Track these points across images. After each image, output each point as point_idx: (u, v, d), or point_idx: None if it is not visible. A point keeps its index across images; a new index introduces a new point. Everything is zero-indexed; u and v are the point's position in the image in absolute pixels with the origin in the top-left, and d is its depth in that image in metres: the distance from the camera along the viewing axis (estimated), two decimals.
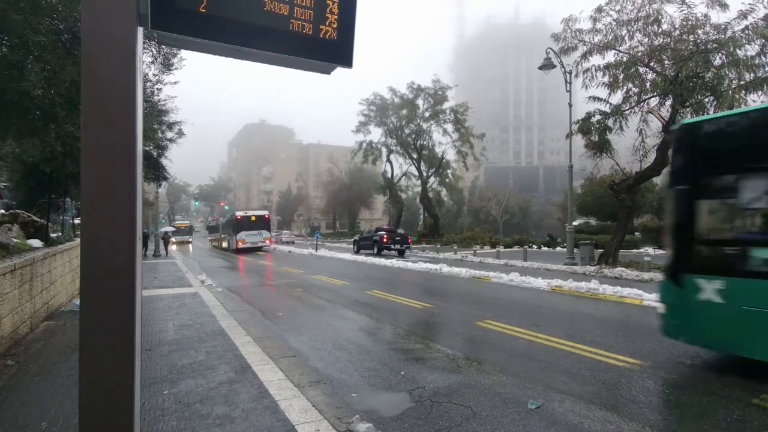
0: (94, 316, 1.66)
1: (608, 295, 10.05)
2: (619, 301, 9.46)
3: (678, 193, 5.31)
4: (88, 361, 1.65)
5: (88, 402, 1.65)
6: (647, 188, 28.55)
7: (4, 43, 6.26)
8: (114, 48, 1.74)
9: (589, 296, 10.15)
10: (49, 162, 8.81)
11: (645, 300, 9.19)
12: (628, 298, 9.59)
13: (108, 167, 1.69)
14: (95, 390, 1.67)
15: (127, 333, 1.68)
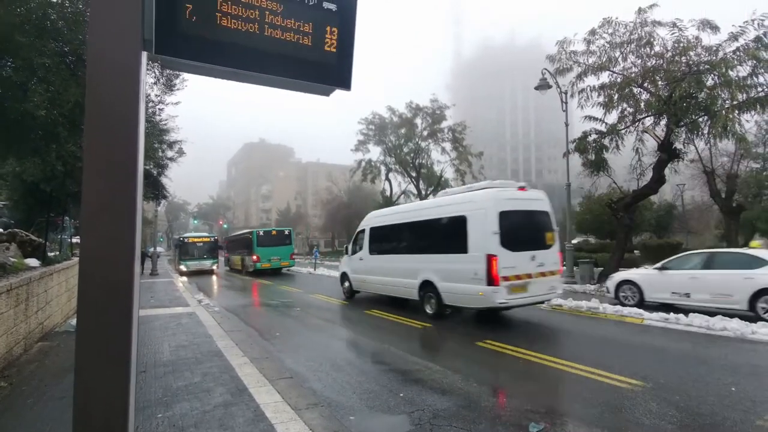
0: (91, 335, 1.65)
1: (609, 314, 9.97)
2: (619, 321, 9.38)
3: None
4: (82, 382, 1.63)
5: (82, 426, 1.62)
6: (645, 206, 28.66)
7: (8, 65, 6.37)
8: (118, 71, 1.78)
9: (589, 315, 10.07)
10: (50, 181, 8.86)
11: (646, 319, 9.11)
12: (629, 317, 9.52)
13: (109, 187, 1.70)
14: (89, 413, 1.64)
15: (123, 354, 1.67)
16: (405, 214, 11.84)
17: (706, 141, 14.74)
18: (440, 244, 9.97)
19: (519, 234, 8.88)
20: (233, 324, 9.41)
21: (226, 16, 2.09)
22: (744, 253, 10.22)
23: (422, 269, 10.23)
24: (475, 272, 8.63)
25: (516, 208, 9.06)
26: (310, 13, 2.34)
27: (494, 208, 8.67)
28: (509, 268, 8.52)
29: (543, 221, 9.60)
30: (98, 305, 1.64)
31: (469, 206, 9.24)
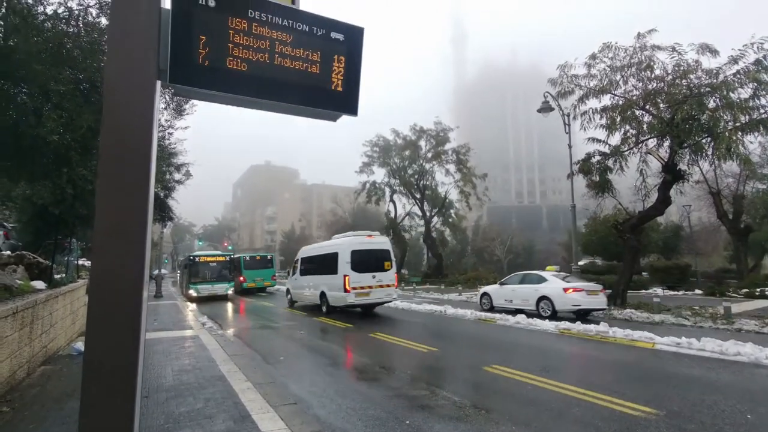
0: (98, 360, 1.64)
1: (618, 338, 9.76)
2: (630, 345, 9.18)
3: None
4: (87, 407, 1.61)
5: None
6: (652, 228, 28.49)
7: (23, 92, 6.57)
8: (134, 100, 1.84)
9: (598, 339, 9.87)
10: (59, 204, 8.97)
11: (657, 344, 8.92)
12: (639, 341, 9.31)
13: (121, 212, 1.73)
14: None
15: (129, 378, 1.66)
16: (314, 249, 18.38)
17: (711, 162, 14.76)
18: (327, 269, 15.78)
19: (364, 263, 14.88)
20: (236, 347, 9.31)
21: (238, 47, 2.16)
22: (538, 274, 15.10)
23: (320, 284, 16.36)
24: (340, 285, 14.69)
25: (363, 248, 15.24)
26: (318, 43, 2.42)
27: (348, 249, 14.96)
28: (356, 282, 14.60)
29: (383, 255, 15.62)
30: (107, 329, 1.65)
31: (338, 247, 15.51)
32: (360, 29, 2.57)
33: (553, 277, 14.48)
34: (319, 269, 16.60)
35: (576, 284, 13.62)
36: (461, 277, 35.15)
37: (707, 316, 12.65)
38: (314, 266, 17.24)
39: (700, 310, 13.62)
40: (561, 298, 13.30)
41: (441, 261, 39.45)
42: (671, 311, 13.61)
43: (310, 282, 17.33)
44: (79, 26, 6.87)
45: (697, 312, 13.36)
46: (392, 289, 15.48)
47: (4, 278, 6.85)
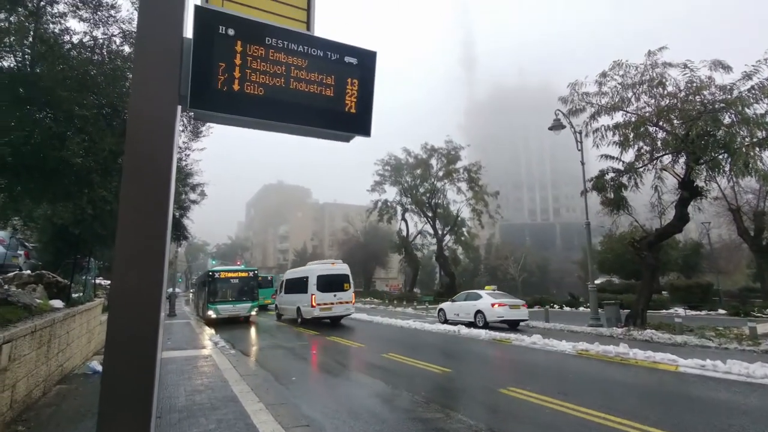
0: (115, 377, 1.66)
1: (639, 360, 9.45)
2: (652, 368, 8.87)
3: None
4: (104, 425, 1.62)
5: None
6: (670, 245, 27.87)
7: (48, 116, 6.83)
8: (155, 124, 1.91)
9: (618, 361, 9.56)
10: (79, 224, 9.21)
11: (680, 366, 8.61)
12: (662, 363, 9.00)
13: (141, 235, 1.77)
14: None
15: (145, 397, 1.67)
16: (293, 273, 22.23)
17: (728, 178, 14.47)
18: (301, 289, 19.60)
19: (328, 284, 18.81)
20: (249, 367, 9.27)
21: (255, 72, 2.24)
22: (476, 292, 18.83)
23: (296, 301, 20.10)
24: (309, 302, 18.60)
25: (327, 273, 19.24)
26: (332, 67, 2.49)
27: (315, 274, 19.03)
28: (321, 300, 18.53)
29: (342, 279, 19.42)
30: (125, 348, 1.67)
31: (309, 272, 19.59)
32: (373, 53, 2.64)
33: (486, 295, 17.72)
34: (296, 289, 20.48)
35: (501, 300, 16.95)
36: None
37: (732, 337, 12.20)
38: (293, 287, 21.02)
39: (724, 331, 13.14)
40: (490, 312, 16.61)
41: (454, 280, 39.00)
42: (694, 332, 13.17)
43: (290, 299, 21.03)
44: (103, 54, 7.18)
45: (721, 333, 12.89)
46: (350, 305, 19.61)
47: (24, 297, 6.99)
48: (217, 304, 20.94)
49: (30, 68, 6.46)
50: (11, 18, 6.30)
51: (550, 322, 17.30)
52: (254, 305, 22.01)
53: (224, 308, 21.03)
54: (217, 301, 21.04)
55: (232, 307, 21.23)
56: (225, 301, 21.31)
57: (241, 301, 21.57)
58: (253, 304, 21.94)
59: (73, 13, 6.97)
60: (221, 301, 21.20)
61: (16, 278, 8.76)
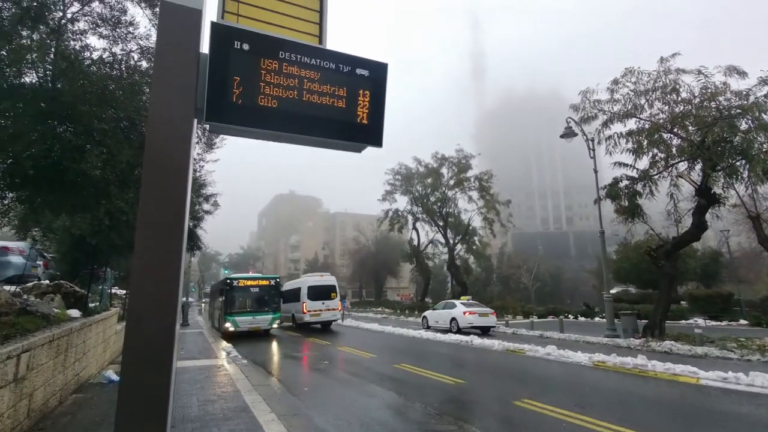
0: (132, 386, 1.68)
1: (659, 372, 9.20)
2: (671, 380, 8.63)
3: None
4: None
5: None
6: (688, 254, 27.24)
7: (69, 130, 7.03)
8: (173, 137, 1.95)
9: (636, 373, 9.33)
10: (96, 234, 9.39)
11: (701, 378, 8.36)
12: (682, 376, 8.75)
13: (158, 244, 1.81)
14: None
15: (161, 406, 1.68)
16: (290, 285, 25.10)
17: (746, 185, 14.15)
18: (295, 298, 22.57)
19: (317, 294, 21.96)
20: (261, 378, 9.27)
21: (269, 85, 2.29)
22: (452, 302, 21.22)
23: (291, 309, 22.86)
24: (301, 309, 21.55)
25: (317, 284, 22.54)
26: (344, 79, 2.53)
27: (306, 285, 22.29)
28: (311, 307, 21.48)
29: (330, 289, 22.64)
30: (142, 357, 1.69)
31: (301, 284, 23.08)
32: (384, 65, 2.67)
33: (460, 304, 20.01)
34: (291, 298, 22.89)
35: (471, 309, 19.23)
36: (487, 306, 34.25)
37: (755, 348, 11.81)
38: (289, 296, 23.10)
39: (746, 342, 12.73)
40: (462, 319, 18.81)
41: (466, 289, 38.60)
42: (715, 343, 12.79)
43: (286, 307, 22.61)
44: (121, 69, 7.39)
45: (743, 344, 12.49)
46: (336, 312, 22.99)
47: (42, 307, 7.14)
48: (235, 315, 18.84)
49: (51, 84, 6.68)
50: (33, 35, 6.54)
51: (565, 333, 16.98)
52: (276, 317, 19.78)
53: (243, 320, 18.83)
54: (235, 312, 18.95)
55: (251, 319, 19.02)
56: (244, 312, 19.15)
57: (262, 313, 19.43)
58: (275, 316, 19.73)
59: (93, 31, 7.21)
60: (240, 312, 19.09)
61: (35, 288, 8.96)
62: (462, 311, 18.92)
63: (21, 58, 6.08)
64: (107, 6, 7.25)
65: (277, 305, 20.10)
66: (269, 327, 19.47)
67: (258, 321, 19.11)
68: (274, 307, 19.85)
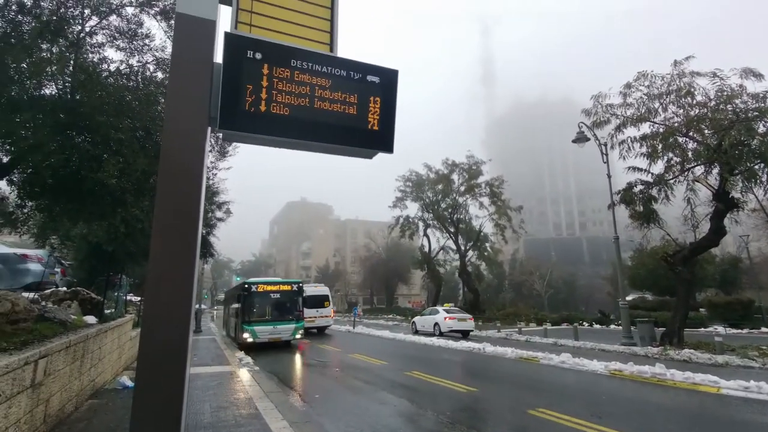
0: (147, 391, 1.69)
1: (678, 381, 8.97)
2: (691, 389, 8.40)
3: None
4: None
5: None
6: (706, 260, 26.62)
7: (87, 141, 7.20)
8: (187, 145, 1.99)
9: (655, 383, 9.10)
10: (112, 242, 9.57)
11: (722, 388, 8.12)
12: (702, 385, 8.51)
13: (173, 251, 1.83)
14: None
15: (175, 411, 1.69)
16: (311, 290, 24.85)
17: (766, 189, 13.83)
18: None
19: (312, 303, 23.14)
20: (273, 385, 9.27)
21: (281, 93, 2.32)
22: (436, 308, 23.87)
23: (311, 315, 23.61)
24: None
25: (312, 293, 23.69)
26: (355, 86, 2.55)
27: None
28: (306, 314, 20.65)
29: (323, 298, 24.99)
30: (156, 365, 1.70)
31: None
32: (394, 71, 2.69)
33: (442, 310, 22.50)
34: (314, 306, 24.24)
35: (451, 315, 21.70)
36: (499, 313, 33.92)
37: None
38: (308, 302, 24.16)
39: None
40: (443, 324, 21.17)
41: (478, 296, 38.30)
42: (736, 351, 12.43)
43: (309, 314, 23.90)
44: (137, 80, 7.57)
45: (765, 352, 12.12)
46: (329, 318, 25.23)
47: (59, 313, 7.27)
48: (254, 324, 16.90)
49: (71, 95, 6.86)
50: (53, 49, 6.74)
51: (580, 341, 16.68)
52: (299, 326, 17.80)
53: (263, 330, 16.94)
54: (253, 320, 17.02)
55: (272, 329, 17.09)
56: (264, 321, 17.23)
57: (284, 321, 17.48)
58: (298, 325, 17.73)
59: (110, 43, 7.40)
60: (259, 321, 17.14)
61: (52, 295, 9.13)
62: (443, 317, 21.45)
63: (41, 70, 6.26)
64: (124, 19, 7.44)
65: (300, 313, 18.25)
66: (292, 338, 17.51)
67: (279, 331, 17.23)
68: (297, 316, 17.97)
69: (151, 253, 1.84)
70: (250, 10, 2.45)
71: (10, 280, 8.03)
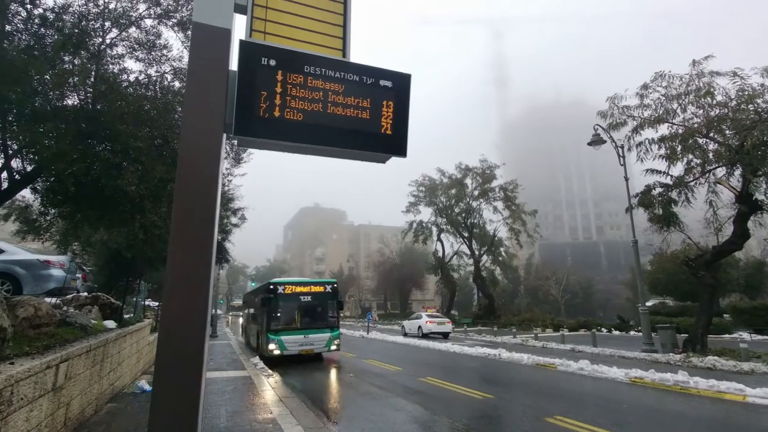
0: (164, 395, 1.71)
1: (702, 389, 8.68)
2: (716, 398, 8.12)
3: None
4: None
5: None
6: (730, 264, 25.86)
7: (107, 149, 7.39)
8: (203, 152, 2.02)
9: (678, 391, 8.83)
10: (131, 248, 9.77)
11: (748, 396, 7.83)
12: (727, 393, 8.22)
13: (189, 256, 1.85)
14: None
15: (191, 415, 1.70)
16: None
17: None
18: None
19: None
20: (287, 390, 9.29)
21: (295, 99, 2.34)
22: (420, 314, 28.33)
23: None
24: None
25: None
26: (368, 91, 2.56)
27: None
28: None
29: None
30: (173, 369, 1.72)
31: None
32: (407, 75, 2.69)
33: (425, 315, 26.35)
34: None
35: (431, 319, 25.37)
36: (515, 319, 33.44)
37: None
38: None
39: None
40: (425, 326, 24.81)
41: (493, 301, 37.88)
42: (762, 358, 11.99)
43: None
44: (156, 90, 7.76)
45: None
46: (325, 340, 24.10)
47: (80, 318, 7.43)
48: (281, 333, 13.93)
49: (92, 105, 7.06)
50: (75, 60, 6.96)
51: (598, 347, 16.32)
52: (335, 336, 14.66)
53: (292, 340, 13.95)
54: (280, 329, 14.06)
55: (303, 339, 14.10)
56: (292, 330, 14.24)
57: (316, 330, 14.43)
58: (334, 334, 14.62)
59: (130, 54, 7.61)
60: (287, 330, 14.17)
61: (74, 300, 9.35)
62: (425, 321, 25.41)
63: (63, 81, 6.46)
64: (143, 31, 7.65)
65: (336, 319, 15.13)
66: (326, 349, 14.48)
67: (311, 341, 14.19)
68: (332, 322, 14.88)
69: (168, 258, 1.86)
70: (264, 18, 2.48)
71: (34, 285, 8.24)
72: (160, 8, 7.62)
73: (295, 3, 2.57)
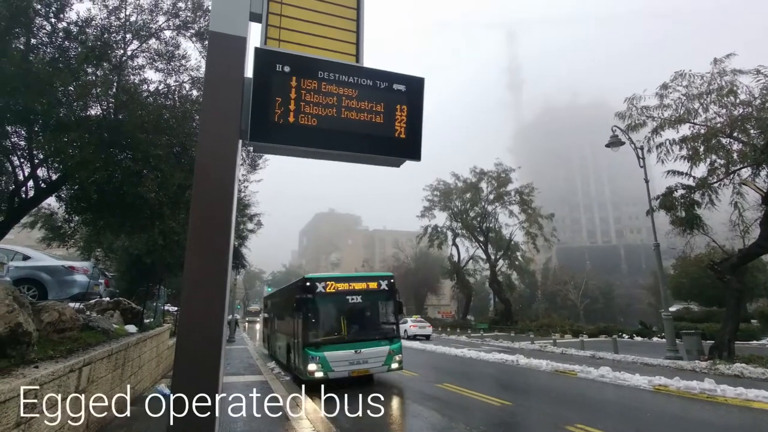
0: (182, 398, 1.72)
1: (729, 397, 8.36)
2: (744, 406, 7.81)
3: None
4: None
5: None
6: (757, 267, 24.94)
7: (128, 157, 7.58)
8: (219, 158, 2.05)
9: (704, 399, 8.53)
10: (151, 254, 9.97)
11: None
12: (756, 401, 7.90)
13: (206, 262, 1.88)
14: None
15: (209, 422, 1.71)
16: None
17: None
18: None
19: None
20: (302, 394, 9.30)
21: (309, 104, 2.36)
22: (406, 319, 30.54)
23: None
24: None
25: None
26: (381, 95, 2.57)
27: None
28: None
29: None
30: (191, 373, 1.74)
31: None
32: (420, 79, 2.69)
33: (410, 320, 30.30)
34: None
35: (414, 323, 29.55)
36: (532, 324, 32.88)
37: None
38: None
39: None
40: (409, 330, 28.18)
41: (509, 306, 37.35)
42: None
43: None
44: (174, 99, 7.94)
45: None
46: None
47: (102, 322, 7.61)
48: (322, 348, 10.03)
49: (114, 115, 7.27)
50: (98, 72, 7.18)
51: (620, 353, 15.89)
52: (395, 348, 10.73)
53: (338, 357, 10.02)
54: (321, 342, 10.16)
55: (352, 355, 10.15)
56: (339, 343, 10.23)
57: (371, 342, 10.51)
58: (394, 347, 10.70)
59: (150, 65, 7.82)
60: (330, 343, 10.20)
61: (96, 305, 9.59)
62: (410, 325, 29.06)
63: (87, 92, 6.67)
64: (163, 42, 7.85)
65: (395, 326, 11.28)
66: (386, 368, 10.50)
67: (365, 357, 10.24)
68: (391, 331, 11.06)
69: (185, 264, 1.89)
70: (278, 25, 2.52)
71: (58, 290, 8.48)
72: (179, 20, 7.81)
73: (309, 10, 2.60)
